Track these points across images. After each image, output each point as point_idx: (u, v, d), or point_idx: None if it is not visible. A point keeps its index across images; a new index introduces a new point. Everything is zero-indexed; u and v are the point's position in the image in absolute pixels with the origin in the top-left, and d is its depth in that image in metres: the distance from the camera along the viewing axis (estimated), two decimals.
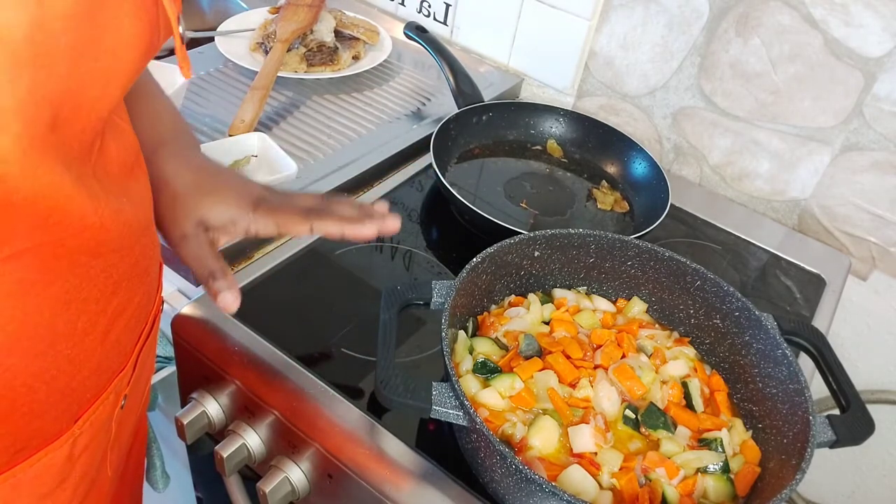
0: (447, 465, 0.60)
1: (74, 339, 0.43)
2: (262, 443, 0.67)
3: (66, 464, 0.47)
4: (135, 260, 0.48)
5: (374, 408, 0.64)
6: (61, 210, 0.37)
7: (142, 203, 0.48)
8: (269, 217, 0.57)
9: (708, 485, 0.57)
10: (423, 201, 0.92)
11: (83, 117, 0.37)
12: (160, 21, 0.39)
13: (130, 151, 0.46)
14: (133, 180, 0.47)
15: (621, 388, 0.62)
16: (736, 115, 1.00)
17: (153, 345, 0.59)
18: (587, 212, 0.94)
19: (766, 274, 0.92)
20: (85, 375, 0.46)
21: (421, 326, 0.74)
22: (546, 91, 1.18)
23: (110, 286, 0.45)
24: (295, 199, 0.60)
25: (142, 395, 0.61)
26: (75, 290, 0.42)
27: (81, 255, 0.41)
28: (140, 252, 0.49)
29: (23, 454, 0.44)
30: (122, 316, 0.48)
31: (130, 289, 0.48)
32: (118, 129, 0.44)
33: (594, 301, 0.72)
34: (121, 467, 0.61)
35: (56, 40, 0.32)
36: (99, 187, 0.40)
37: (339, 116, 1.01)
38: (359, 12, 1.22)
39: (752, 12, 0.93)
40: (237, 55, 1.06)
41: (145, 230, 0.50)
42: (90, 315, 0.44)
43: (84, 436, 0.48)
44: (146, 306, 0.53)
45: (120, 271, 0.46)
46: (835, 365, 0.63)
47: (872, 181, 0.94)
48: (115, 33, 0.35)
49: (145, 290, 0.52)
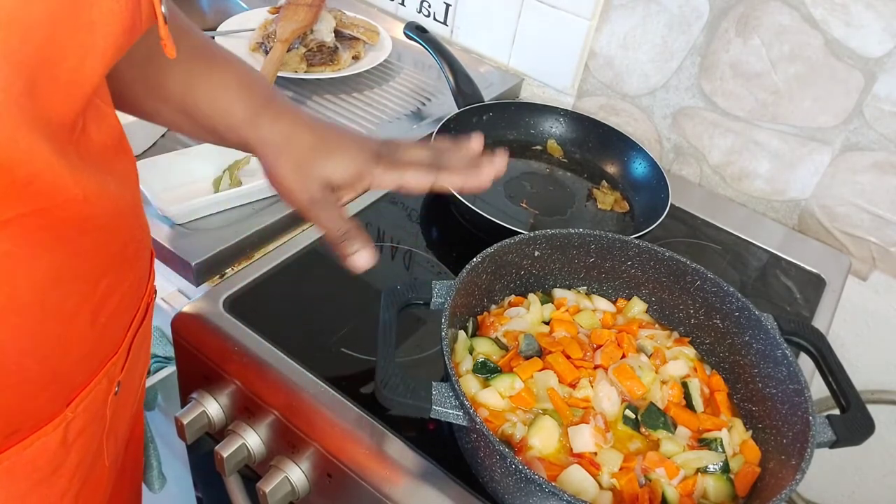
0: (447, 465, 0.60)
1: (64, 319, 0.44)
2: (262, 443, 0.67)
3: (61, 448, 0.47)
4: (124, 242, 0.48)
5: (374, 408, 0.64)
6: (41, 178, 0.37)
7: (127, 183, 0.48)
8: (393, 171, 0.56)
9: (708, 485, 0.57)
10: (423, 201, 0.92)
11: (61, 89, 0.36)
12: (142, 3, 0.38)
13: (112, 134, 0.46)
14: (118, 162, 0.46)
15: (621, 388, 0.62)
16: (736, 115, 1.00)
17: (147, 336, 0.59)
18: (587, 212, 0.94)
19: (766, 274, 0.92)
20: (76, 358, 0.46)
21: (421, 326, 0.74)
22: (546, 91, 1.18)
23: (99, 266, 0.45)
24: (410, 152, 0.59)
25: (136, 386, 0.61)
26: (64, 267, 0.42)
27: (68, 230, 0.41)
28: (129, 235, 0.49)
29: (16, 437, 0.44)
30: (112, 298, 0.48)
31: (120, 271, 0.48)
32: (100, 111, 0.44)
33: (594, 301, 0.72)
34: (119, 459, 0.60)
35: (31, 6, 0.32)
36: (80, 161, 0.40)
37: (339, 116, 1.01)
38: (359, 12, 1.22)
39: (752, 12, 0.93)
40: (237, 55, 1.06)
41: (133, 212, 0.49)
42: (79, 295, 0.44)
43: (78, 420, 0.48)
44: (137, 291, 0.53)
45: (109, 252, 0.46)
46: (835, 365, 0.63)
47: (872, 181, 0.94)
48: (93, 7, 0.35)
49: (136, 275, 0.52)
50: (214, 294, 0.72)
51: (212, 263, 0.75)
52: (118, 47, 0.39)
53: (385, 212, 0.88)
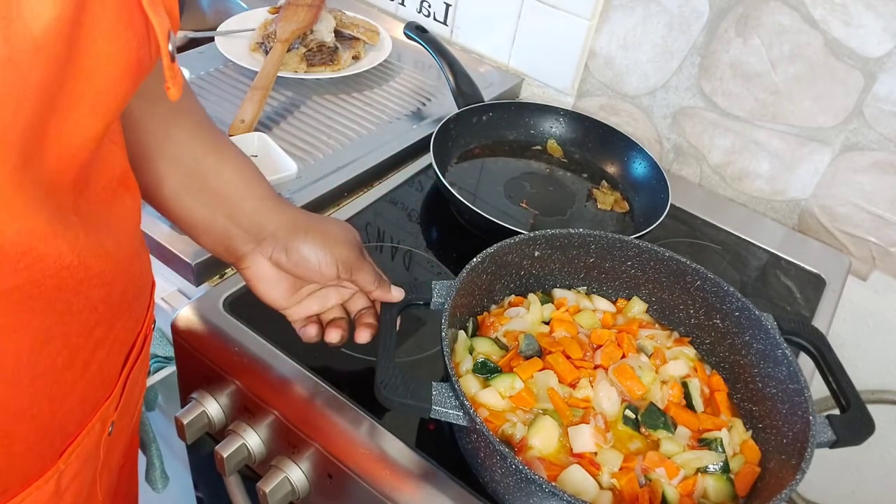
0: (447, 465, 0.60)
1: (54, 375, 0.41)
2: (262, 443, 0.67)
3: (53, 498, 0.46)
4: (121, 291, 0.45)
5: (374, 408, 0.64)
6: (35, 251, 0.34)
7: (125, 231, 0.45)
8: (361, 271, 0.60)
9: (708, 485, 0.57)
10: (423, 201, 0.92)
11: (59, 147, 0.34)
12: (150, 38, 0.35)
13: (116, 174, 0.43)
14: (118, 204, 0.44)
15: (621, 388, 0.62)
16: (736, 115, 1.00)
17: (143, 366, 0.57)
18: (587, 212, 0.94)
19: (766, 274, 0.92)
20: (67, 409, 0.44)
21: (421, 326, 0.74)
22: (546, 91, 1.18)
23: (93, 320, 0.43)
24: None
25: (131, 417, 0.59)
26: (55, 327, 0.39)
27: (60, 293, 0.38)
28: (128, 282, 0.46)
29: (6, 496, 0.42)
30: (104, 346, 0.46)
31: (115, 318, 0.46)
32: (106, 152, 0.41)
33: (594, 301, 0.72)
34: (112, 487, 0.59)
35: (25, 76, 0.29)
36: (78, 222, 0.37)
37: (339, 116, 1.01)
38: (359, 12, 1.22)
39: (752, 12, 0.93)
40: (237, 55, 1.06)
41: (132, 259, 0.47)
42: (70, 349, 0.42)
43: (70, 468, 0.46)
44: (132, 332, 0.51)
45: (105, 305, 0.43)
46: (835, 365, 0.63)
47: (872, 181, 0.94)
48: (93, 58, 0.32)
49: (132, 316, 0.49)
50: (214, 294, 0.72)
51: (212, 263, 0.75)
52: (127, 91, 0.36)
53: (385, 212, 0.88)
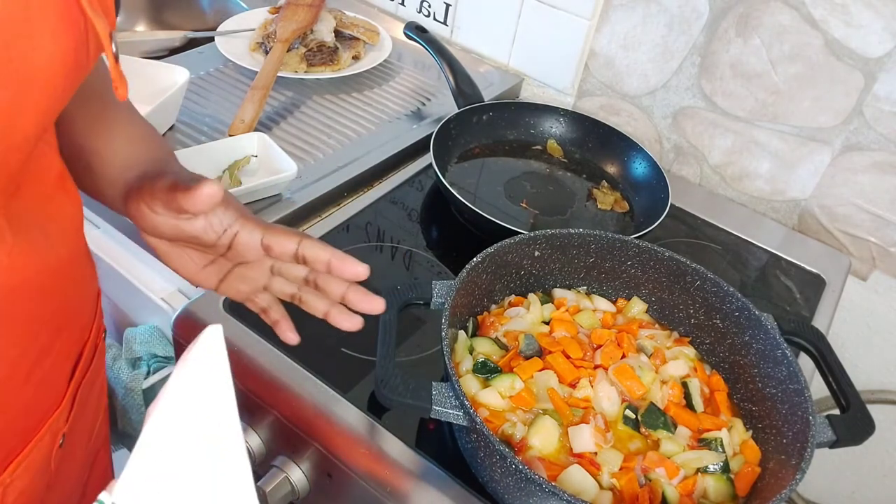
0: (447, 465, 0.60)
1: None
2: (262, 443, 0.67)
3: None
4: (63, 299, 0.44)
5: (374, 408, 0.64)
6: None
7: (63, 237, 0.43)
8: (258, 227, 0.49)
9: (708, 485, 0.57)
10: (423, 201, 0.92)
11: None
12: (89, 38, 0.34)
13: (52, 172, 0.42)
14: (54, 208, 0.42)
15: (621, 388, 0.62)
16: (736, 115, 1.00)
17: (97, 377, 0.55)
18: (587, 212, 0.94)
19: (766, 274, 0.92)
20: (10, 419, 0.43)
21: (421, 326, 0.74)
22: (546, 91, 1.18)
23: (33, 330, 0.41)
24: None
25: (90, 431, 0.57)
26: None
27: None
28: (71, 289, 0.45)
29: None
30: (49, 355, 0.44)
31: (59, 326, 0.44)
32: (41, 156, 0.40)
33: (594, 301, 0.72)
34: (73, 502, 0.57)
35: None
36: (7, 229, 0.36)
37: (339, 116, 1.01)
38: (359, 12, 1.22)
39: (752, 12, 0.93)
40: (237, 55, 1.06)
41: (73, 265, 0.45)
42: (11, 360, 0.40)
43: (18, 482, 0.45)
44: (78, 341, 0.49)
45: (45, 313, 0.42)
46: (835, 365, 0.63)
47: (872, 181, 0.94)
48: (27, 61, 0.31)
49: (78, 323, 0.48)
50: (214, 294, 0.72)
51: None
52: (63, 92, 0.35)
53: (385, 212, 0.88)
